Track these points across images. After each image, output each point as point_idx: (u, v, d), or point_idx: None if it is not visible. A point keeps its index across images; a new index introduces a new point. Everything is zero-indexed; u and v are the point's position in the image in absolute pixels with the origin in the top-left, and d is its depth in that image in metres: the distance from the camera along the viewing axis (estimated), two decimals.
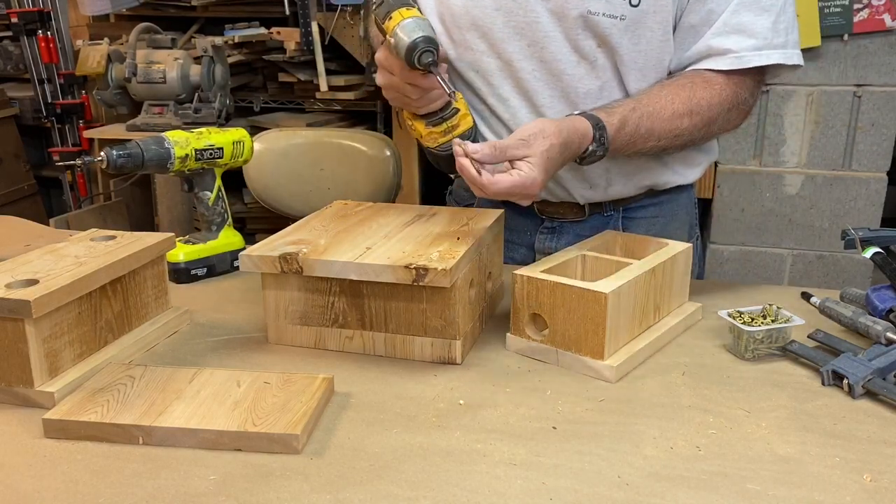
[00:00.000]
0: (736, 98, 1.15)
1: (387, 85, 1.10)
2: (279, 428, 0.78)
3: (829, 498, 0.71)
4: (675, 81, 1.14)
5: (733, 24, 1.11)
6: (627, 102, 1.11)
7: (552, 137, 0.99)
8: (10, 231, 1.54)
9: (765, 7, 1.11)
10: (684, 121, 1.12)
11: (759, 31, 1.11)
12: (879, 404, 0.87)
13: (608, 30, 1.11)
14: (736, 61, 1.12)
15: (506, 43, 1.15)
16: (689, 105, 1.12)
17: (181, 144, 1.22)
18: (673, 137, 1.14)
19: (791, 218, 2.51)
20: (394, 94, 1.11)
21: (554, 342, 0.96)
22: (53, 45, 3.52)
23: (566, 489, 0.72)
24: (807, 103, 2.42)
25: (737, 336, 0.98)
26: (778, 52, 1.13)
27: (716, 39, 1.12)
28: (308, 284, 0.99)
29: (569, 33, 1.13)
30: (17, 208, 3.43)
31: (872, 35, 2.31)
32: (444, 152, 1.14)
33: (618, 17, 1.10)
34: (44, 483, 0.73)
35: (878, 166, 2.43)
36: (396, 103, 1.13)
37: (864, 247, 1.09)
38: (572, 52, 1.14)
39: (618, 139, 1.09)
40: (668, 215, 1.32)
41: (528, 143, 0.98)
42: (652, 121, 1.11)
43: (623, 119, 1.09)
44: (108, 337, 0.98)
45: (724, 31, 1.12)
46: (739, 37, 1.11)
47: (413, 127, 1.14)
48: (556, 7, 1.12)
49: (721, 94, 1.13)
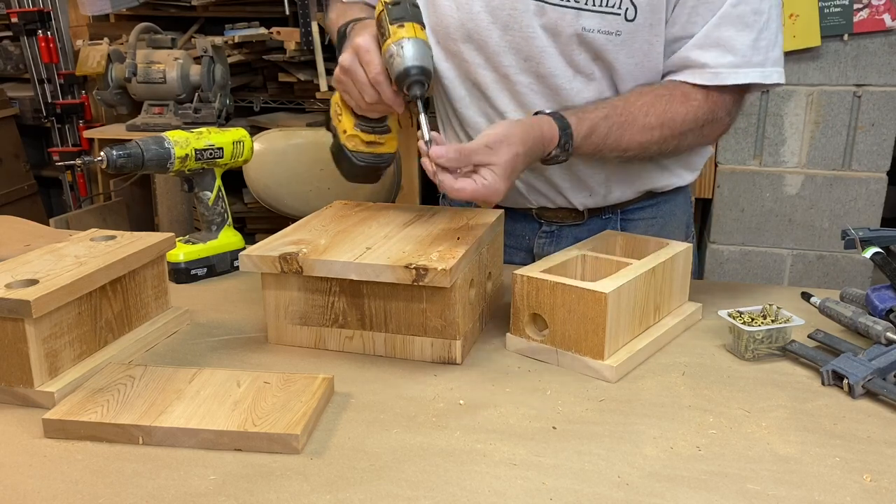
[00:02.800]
0: (712, 115, 1.14)
1: (349, 71, 1.05)
2: (279, 428, 0.78)
3: (829, 498, 0.71)
4: (654, 90, 1.13)
5: (714, 37, 1.09)
6: (601, 108, 1.10)
7: (517, 146, 0.99)
8: (10, 231, 1.54)
9: (747, 23, 1.09)
10: (654, 133, 1.11)
11: (739, 47, 1.09)
12: (879, 404, 0.87)
13: (604, 45, 1.11)
14: (712, 77, 1.11)
15: (501, 56, 1.15)
16: (662, 118, 1.11)
17: (181, 144, 1.22)
18: (640, 149, 1.13)
19: (791, 218, 2.51)
20: (348, 83, 1.06)
21: (554, 342, 0.96)
22: (53, 45, 3.52)
23: (566, 489, 0.72)
24: (807, 103, 2.42)
25: (737, 336, 0.98)
26: (756, 71, 1.11)
27: (695, 52, 1.11)
28: (308, 284, 0.99)
29: (564, 49, 1.12)
30: (17, 208, 3.43)
31: (872, 35, 2.31)
32: (360, 161, 1.12)
33: (613, 32, 1.09)
34: (44, 483, 0.73)
35: (878, 166, 2.43)
36: (342, 88, 1.08)
37: (864, 247, 1.09)
38: (567, 66, 1.14)
39: (583, 147, 1.09)
40: (666, 216, 1.32)
41: (494, 151, 0.97)
42: (622, 131, 1.10)
43: (592, 127, 1.08)
44: (108, 337, 0.98)
45: (705, 44, 1.10)
46: (718, 51, 1.10)
47: (341, 119, 1.11)
48: (550, 24, 1.11)
49: (697, 111, 1.12)
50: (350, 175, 1.15)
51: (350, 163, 1.12)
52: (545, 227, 1.32)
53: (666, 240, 1.09)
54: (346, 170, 1.14)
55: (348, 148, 1.11)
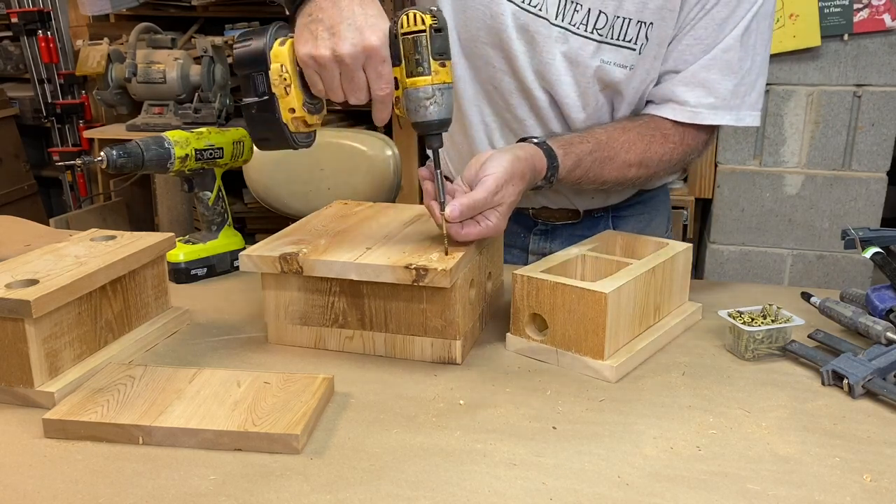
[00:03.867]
0: (686, 155, 1.20)
1: (345, 66, 0.89)
2: (279, 428, 0.78)
3: (829, 498, 0.71)
4: (637, 127, 1.17)
5: (700, 78, 1.14)
6: (587, 141, 1.13)
7: (520, 184, 1.00)
8: (10, 231, 1.54)
9: (733, 69, 1.13)
10: (632, 171, 1.16)
11: (721, 91, 1.14)
12: (879, 404, 0.87)
13: (618, 78, 1.14)
14: (691, 115, 1.16)
15: (525, 71, 1.16)
16: (641, 157, 1.16)
17: (181, 144, 1.22)
18: (616, 183, 1.18)
19: (791, 218, 2.51)
20: (332, 74, 0.90)
21: (554, 342, 0.96)
22: (53, 45, 3.53)
23: (566, 489, 0.72)
24: (807, 103, 2.42)
25: (737, 336, 0.98)
26: (731, 115, 1.16)
27: (680, 88, 1.15)
28: (308, 284, 0.99)
29: (579, 80, 1.15)
30: (17, 208, 3.43)
31: (872, 35, 2.31)
32: (298, 143, 0.96)
33: (627, 66, 1.13)
34: (44, 483, 0.73)
35: (878, 166, 2.43)
36: (318, 71, 0.90)
37: (864, 247, 1.09)
38: (578, 97, 1.17)
39: (566, 179, 1.12)
40: (652, 211, 1.37)
41: (500, 194, 0.97)
42: (602, 167, 1.13)
43: (577, 161, 1.11)
44: (108, 337, 0.98)
45: (690, 83, 1.15)
46: (701, 91, 1.14)
47: (288, 92, 0.92)
48: (572, 52, 1.13)
49: (672, 152, 1.17)
50: (268, 146, 0.97)
51: (283, 142, 0.95)
52: (540, 226, 1.33)
53: (666, 240, 1.09)
54: (273, 143, 0.96)
55: (290, 129, 0.94)
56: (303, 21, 0.90)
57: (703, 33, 1.12)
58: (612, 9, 1.10)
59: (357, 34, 0.88)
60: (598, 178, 1.14)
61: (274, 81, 0.91)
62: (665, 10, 1.10)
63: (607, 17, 1.11)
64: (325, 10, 0.89)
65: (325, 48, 0.88)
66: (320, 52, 0.88)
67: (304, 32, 0.90)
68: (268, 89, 0.92)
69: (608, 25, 1.11)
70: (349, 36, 0.87)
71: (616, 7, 1.10)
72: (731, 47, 1.12)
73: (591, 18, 1.11)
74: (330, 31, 0.88)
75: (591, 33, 1.12)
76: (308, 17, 0.90)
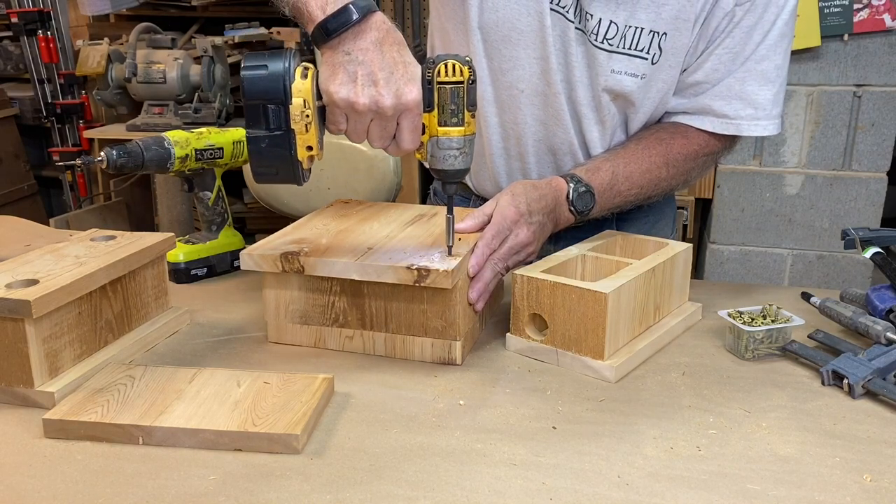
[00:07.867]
0: (714, 154, 1.21)
1: (382, 117, 0.87)
2: (279, 428, 0.78)
3: (829, 498, 0.71)
4: (652, 133, 1.19)
5: (737, 90, 1.14)
6: (604, 157, 1.16)
7: (551, 229, 1.11)
8: (10, 231, 1.54)
9: (770, 79, 1.14)
10: (662, 171, 1.18)
11: (762, 102, 1.15)
12: (879, 404, 0.87)
13: (628, 88, 1.14)
14: (732, 127, 1.16)
15: (550, 74, 1.15)
16: (665, 157, 1.17)
17: (181, 144, 1.22)
18: (653, 187, 1.19)
19: (791, 218, 2.51)
20: (362, 122, 0.88)
21: (554, 342, 0.96)
22: (53, 45, 3.52)
23: (566, 489, 0.72)
24: (807, 103, 2.42)
25: (737, 336, 0.98)
26: (773, 124, 1.17)
27: (717, 102, 1.15)
28: (309, 284, 0.99)
29: (594, 87, 1.15)
30: (17, 208, 3.43)
31: (872, 35, 2.31)
32: (304, 179, 0.90)
33: (639, 76, 1.13)
34: (44, 483, 0.73)
35: (878, 166, 2.42)
36: (351, 116, 0.88)
37: (864, 247, 1.09)
38: (593, 104, 1.17)
39: (607, 193, 1.15)
40: (657, 214, 1.36)
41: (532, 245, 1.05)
42: (630, 171, 1.16)
43: (612, 177, 1.15)
44: (109, 337, 0.98)
45: (728, 96, 1.15)
46: (740, 104, 1.15)
47: (308, 129, 0.87)
48: (588, 56, 1.13)
49: (699, 152, 1.19)
50: (270, 181, 0.91)
51: (291, 178, 0.90)
52: None
53: (665, 240, 1.09)
54: (278, 178, 0.91)
55: (304, 166, 0.90)
56: (339, 58, 0.86)
57: (733, 42, 1.12)
58: (624, 18, 1.10)
59: (398, 86, 0.86)
60: (632, 186, 1.16)
61: (294, 117, 0.86)
62: (679, 21, 1.09)
63: (618, 27, 1.10)
64: (368, 52, 0.86)
65: (365, 96, 0.85)
66: (360, 101, 0.85)
67: (339, 72, 0.86)
68: (285, 124, 0.86)
69: (619, 35, 1.11)
70: (392, 87, 0.86)
71: (627, 17, 1.10)
72: (765, 57, 1.13)
73: (601, 28, 1.11)
74: (371, 77, 0.85)
75: (602, 43, 1.11)
76: (346, 56, 0.86)
